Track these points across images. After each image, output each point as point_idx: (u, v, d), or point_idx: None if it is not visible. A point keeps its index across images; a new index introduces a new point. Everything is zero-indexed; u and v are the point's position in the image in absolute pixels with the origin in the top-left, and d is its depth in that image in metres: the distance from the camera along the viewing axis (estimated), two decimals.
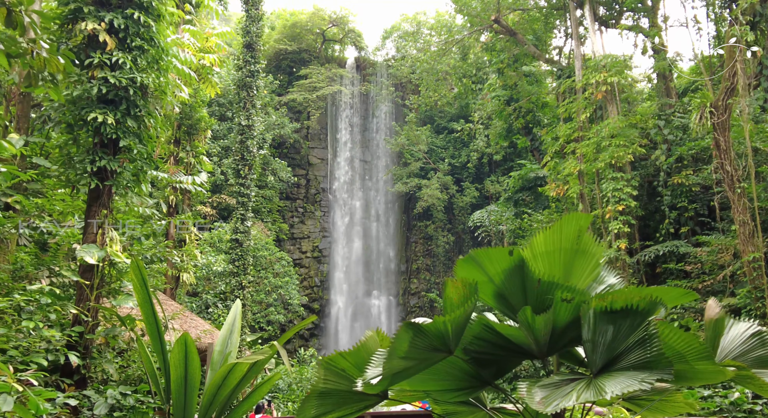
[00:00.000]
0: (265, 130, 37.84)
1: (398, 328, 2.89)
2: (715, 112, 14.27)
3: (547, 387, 2.90)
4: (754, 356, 3.78)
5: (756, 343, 3.80)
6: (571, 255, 3.64)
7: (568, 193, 22.26)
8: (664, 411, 4.13)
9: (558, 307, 3.28)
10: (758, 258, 13.78)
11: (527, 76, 30.60)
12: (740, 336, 3.82)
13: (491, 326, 3.28)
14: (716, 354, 3.73)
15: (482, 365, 3.50)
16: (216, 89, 18.96)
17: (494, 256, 3.50)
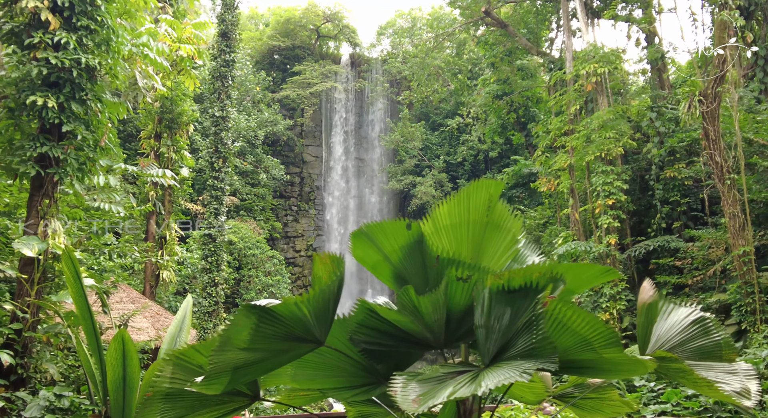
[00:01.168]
0: (257, 127, 37.41)
1: (236, 311, 2.38)
2: (704, 101, 13.73)
3: (428, 382, 2.40)
4: (694, 346, 3.27)
5: (698, 331, 3.29)
6: (480, 229, 3.13)
7: (558, 188, 21.74)
8: (602, 411, 3.63)
9: (453, 287, 2.79)
10: (748, 252, 13.23)
11: (521, 71, 30.07)
12: (680, 323, 3.31)
13: (375, 311, 2.78)
14: (649, 343, 3.22)
15: (377, 358, 3.00)
16: (196, 82, 18.48)
17: (390, 230, 3.00)
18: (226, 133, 17.81)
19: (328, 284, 2.45)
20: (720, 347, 3.28)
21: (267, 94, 40.36)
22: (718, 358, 3.27)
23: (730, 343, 3.31)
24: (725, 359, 3.29)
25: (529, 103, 31.67)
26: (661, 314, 3.35)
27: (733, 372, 3.20)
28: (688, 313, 3.34)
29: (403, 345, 2.92)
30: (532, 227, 27.13)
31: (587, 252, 18.51)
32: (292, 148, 42.59)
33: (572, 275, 2.89)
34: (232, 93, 18.12)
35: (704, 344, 3.26)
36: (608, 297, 17.77)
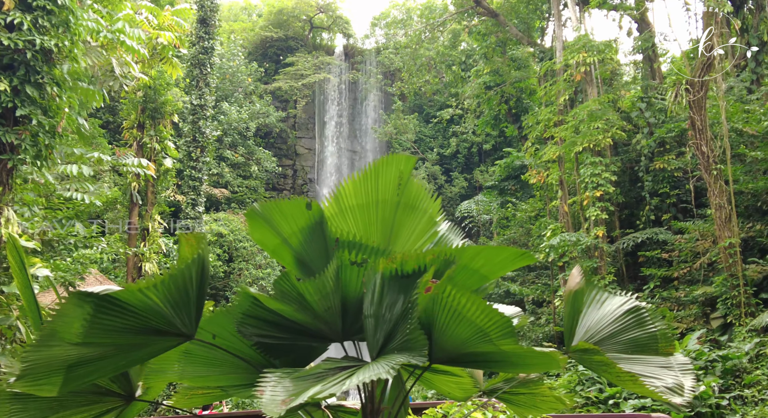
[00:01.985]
0: (248, 118, 37.09)
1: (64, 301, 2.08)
2: (691, 89, 13.42)
3: (303, 380, 2.12)
4: (627, 337, 2.99)
5: (632, 322, 3.02)
6: (391, 210, 2.85)
7: (547, 180, 21.46)
8: (537, 406, 3.35)
9: (347, 273, 2.51)
10: (734, 244, 12.95)
11: (513, 62, 29.71)
12: (612, 313, 3.04)
13: (259, 301, 2.50)
14: (575, 335, 2.95)
15: (273, 353, 2.73)
16: (178, 70, 18.16)
17: (288, 211, 2.71)
18: (204, 121, 17.51)
19: (181, 267, 2.17)
20: (656, 339, 3.01)
21: (259, 85, 40.01)
22: (654, 351, 3.00)
23: (667, 335, 3.04)
24: (662, 352, 3.02)
25: (522, 95, 31.35)
26: (594, 304, 3.08)
27: (668, 366, 2.93)
28: (622, 302, 3.07)
29: (299, 338, 2.64)
30: (523, 219, 26.88)
31: (575, 244, 18.24)
32: (285, 141, 42.27)
33: (484, 259, 2.61)
34: (211, 81, 17.79)
35: (638, 335, 2.99)
36: None
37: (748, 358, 11.29)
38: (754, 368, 11.03)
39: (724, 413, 10.28)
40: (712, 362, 11.61)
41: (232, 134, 36.39)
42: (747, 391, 10.26)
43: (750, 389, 10.66)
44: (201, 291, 2.33)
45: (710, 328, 13.99)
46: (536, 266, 24.72)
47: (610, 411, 11.43)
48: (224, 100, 37.53)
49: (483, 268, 2.63)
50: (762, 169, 14.56)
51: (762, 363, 10.99)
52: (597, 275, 17.81)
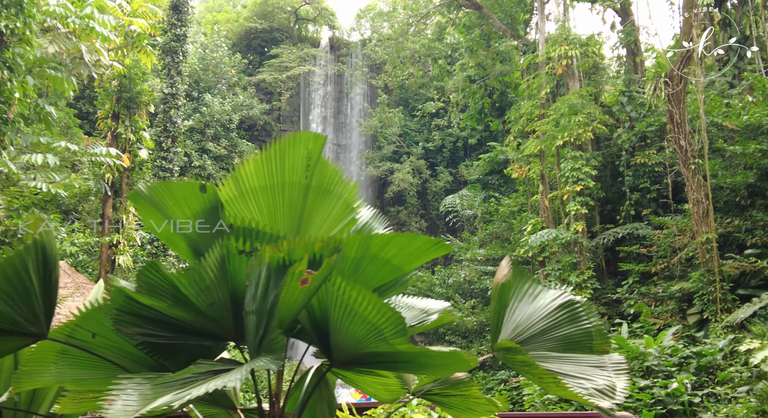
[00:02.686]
0: (232, 110, 36.62)
1: None
2: (669, 82, 13.24)
3: (167, 385, 1.84)
4: (559, 334, 2.76)
5: (564, 317, 2.78)
6: (300, 194, 2.58)
7: (529, 174, 21.28)
8: (472, 409, 3.10)
9: (235, 263, 2.25)
10: (711, 239, 12.81)
11: (498, 55, 29.48)
12: (544, 308, 2.80)
13: (130, 296, 2.22)
14: (501, 331, 2.71)
15: (162, 353, 2.46)
16: (152, 58, 17.76)
17: (180, 194, 2.44)
18: (176, 111, 17.12)
19: (12, 255, 1.89)
20: (590, 336, 2.77)
21: (243, 77, 39.54)
22: (588, 349, 2.77)
23: (603, 332, 2.81)
24: (596, 351, 2.78)
25: (507, 89, 31.16)
26: (526, 297, 2.83)
27: (601, 366, 2.70)
28: (556, 296, 2.83)
29: (186, 337, 2.37)
30: (506, 214, 26.71)
31: (555, 240, 18.09)
32: (269, 133, 41.82)
33: (395, 248, 2.36)
34: (183, 69, 17.41)
35: (571, 332, 2.75)
36: (574, 285, 17.39)
37: (723, 354, 11.16)
38: (728, 365, 10.90)
39: (696, 410, 10.14)
40: (686, 359, 11.48)
41: (214, 126, 35.92)
42: (720, 388, 10.12)
43: (723, 386, 10.53)
44: (47, 283, 2.05)
45: (687, 324, 13.87)
46: (518, 260, 24.58)
47: (582, 407, 11.27)
48: (207, 92, 37.04)
49: (395, 258, 2.38)
50: (741, 164, 14.43)
51: (736, 360, 10.86)
52: (576, 270, 17.67)
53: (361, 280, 2.40)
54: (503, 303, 2.69)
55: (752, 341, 8.74)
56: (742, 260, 13.01)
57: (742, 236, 13.85)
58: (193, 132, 35.88)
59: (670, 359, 11.41)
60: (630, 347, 11.45)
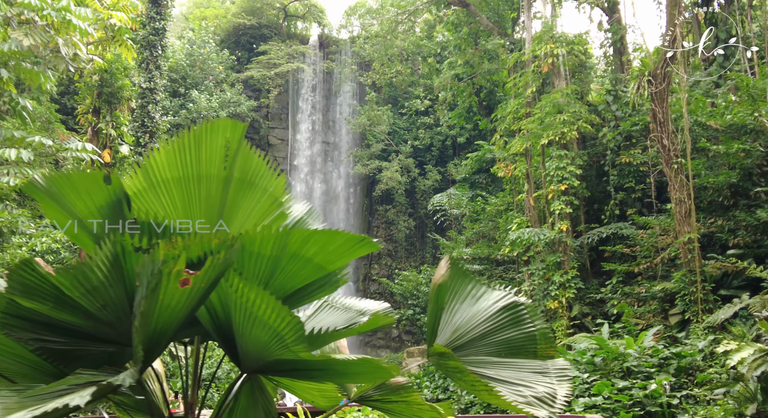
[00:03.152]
0: (219, 107, 36.30)
1: None
2: (653, 81, 13.12)
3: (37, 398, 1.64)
4: (501, 338, 2.58)
5: (507, 320, 2.61)
6: (219, 186, 2.39)
7: (514, 173, 21.15)
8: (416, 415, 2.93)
9: (131, 261, 2.05)
10: (693, 239, 12.70)
11: (486, 53, 29.35)
12: (486, 310, 2.62)
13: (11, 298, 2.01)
14: (438, 334, 2.53)
15: (62, 360, 2.25)
16: (132, 52, 17.45)
17: (82, 186, 2.24)
18: (154, 106, 16.83)
19: None
20: (534, 340, 2.60)
21: (231, 73, 39.21)
22: (532, 354, 2.60)
23: (548, 335, 2.64)
24: (541, 355, 2.61)
25: (495, 88, 31.05)
26: (468, 299, 2.66)
27: (543, 372, 2.53)
28: (499, 297, 2.65)
29: (84, 343, 2.16)
30: (493, 213, 26.58)
31: (539, 239, 17.96)
32: (258, 131, 41.50)
33: (316, 246, 2.17)
34: (162, 63, 17.11)
35: (514, 336, 2.58)
36: (558, 285, 17.27)
37: (702, 356, 11.05)
38: (708, 366, 10.79)
39: (675, 412, 10.02)
40: (666, 360, 11.37)
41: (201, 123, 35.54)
42: (697, 390, 10.01)
43: (702, 387, 10.42)
44: None
45: (668, 324, 13.78)
46: (504, 260, 24.46)
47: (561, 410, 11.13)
48: (194, 88, 36.70)
49: (317, 256, 2.19)
50: (725, 164, 14.35)
51: (716, 361, 10.75)
52: (560, 270, 17.55)
53: (281, 280, 2.21)
54: (440, 305, 2.51)
55: (729, 342, 8.62)
56: (724, 261, 12.92)
57: (725, 236, 13.77)
58: (179, 128, 35.54)
59: (650, 360, 11.29)
60: (610, 347, 11.33)
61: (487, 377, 2.38)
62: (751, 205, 13.80)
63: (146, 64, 16.76)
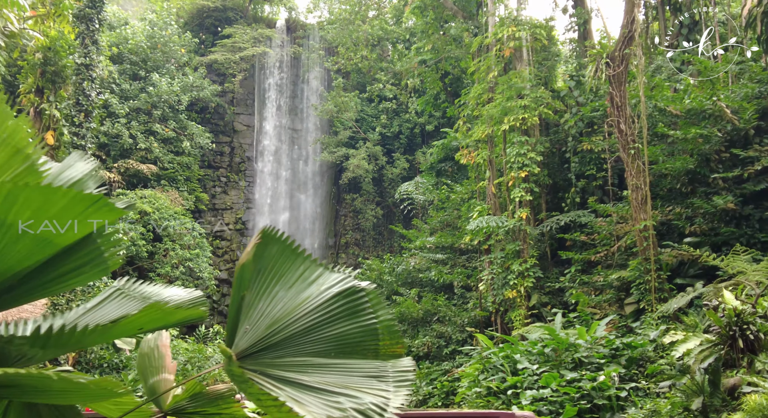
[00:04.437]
0: (180, 91, 35.18)
1: None
2: (611, 63, 12.70)
3: None
4: (332, 333, 2.02)
5: (341, 309, 2.05)
6: None
7: (476, 160, 20.71)
8: None
9: None
10: (648, 227, 12.38)
11: (455, 40, 28.82)
12: (315, 298, 2.07)
13: None
14: (238, 331, 1.97)
15: None
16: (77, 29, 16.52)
17: None
18: (90, 83, 15.91)
19: None
20: (375, 335, 2.05)
21: (194, 57, 38.08)
22: (372, 352, 2.05)
23: (393, 329, 2.09)
24: (383, 354, 2.07)
25: (463, 75, 30.55)
26: (297, 283, 2.09)
27: (379, 376, 1.98)
28: (334, 282, 2.10)
29: None
30: (457, 201, 26.17)
31: (499, 227, 17.56)
32: (222, 117, 40.46)
33: (29, 210, 1.58)
34: (99, 38, 16.19)
35: (348, 330, 2.03)
36: (516, 274, 16.91)
37: (654, 346, 10.74)
38: (659, 357, 10.48)
39: (624, 405, 9.68)
40: (617, 350, 11.05)
41: (162, 107, 34.49)
42: (644, 382, 9.67)
43: (653, 379, 10.10)
44: None
45: (624, 314, 13.49)
46: (468, 249, 24.09)
47: (509, 401, 10.74)
48: (155, 71, 35.51)
49: (36, 225, 1.61)
50: (684, 150, 14.05)
51: (667, 352, 10.44)
52: (519, 259, 17.18)
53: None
54: (242, 293, 1.94)
55: (676, 333, 8.27)
56: (680, 249, 12.63)
57: (683, 224, 13.49)
58: (139, 113, 34.42)
59: (601, 351, 10.95)
60: (560, 338, 10.95)
61: (300, 385, 1.84)
62: (709, 193, 13.54)
63: (82, 38, 15.80)
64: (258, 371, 1.82)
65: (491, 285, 18.06)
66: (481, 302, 20.03)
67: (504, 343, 13.30)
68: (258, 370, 1.82)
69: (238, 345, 1.88)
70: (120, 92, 34.12)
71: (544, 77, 19.46)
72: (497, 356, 11.98)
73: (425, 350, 21.01)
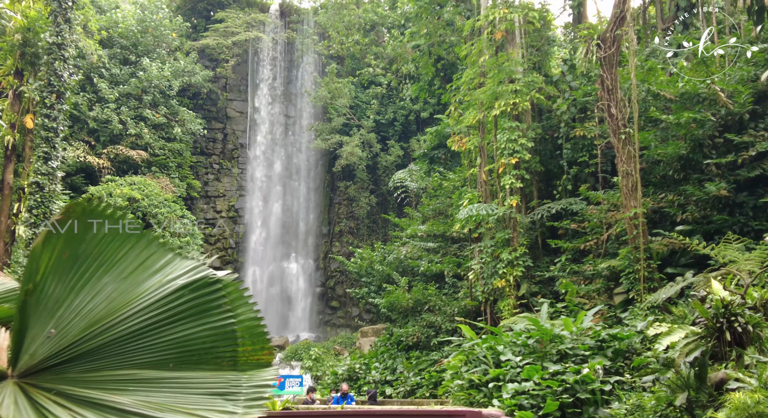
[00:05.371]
0: (171, 76, 34.60)
1: None
2: (602, 45, 12.21)
3: None
4: (172, 336, 1.58)
5: (186, 306, 1.59)
6: None
7: (467, 146, 20.25)
8: None
9: None
10: (638, 214, 11.95)
11: (450, 25, 28.24)
12: (155, 292, 1.65)
13: None
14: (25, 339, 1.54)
15: None
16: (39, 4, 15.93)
17: None
18: (62, 63, 15.39)
19: None
20: (231, 339, 1.63)
21: (185, 41, 37.46)
22: (228, 361, 1.62)
23: (257, 332, 1.67)
24: (244, 363, 1.65)
25: (457, 61, 29.98)
26: (138, 273, 1.66)
27: (228, 394, 1.56)
28: (184, 271, 1.68)
29: None
30: (450, 188, 25.75)
31: (488, 215, 17.14)
32: (215, 103, 39.90)
33: None
34: (72, 17, 15.63)
35: (194, 333, 1.60)
36: (506, 263, 16.51)
37: (641, 338, 10.35)
38: (646, 349, 10.09)
39: (608, 399, 9.31)
40: (604, 342, 10.67)
41: (152, 92, 33.95)
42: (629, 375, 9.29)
43: (639, 371, 9.72)
44: None
45: (613, 304, 13.10)
46: (459, 237, 23.67)
47: (491, 394, 10.38)
48: (145, 56, 34.91)
49: None
50: (677, 135, 13.58)
51: (654, 344, 10.05)
52: (509, 247, 16.77)
53: None
54: (29, 285, 1.51)
55: (660, 324, 7.87)
56: (671, 237, 12.20)
57: (674, 211, 13.06)
58: (129, 98, 33.89)
59: (587, 342, 10.57)
60: (544, 329, 10.57)
61: (110, 408, 1.42)
62: (702, 179, 13.10)
63: (54, 16, 15.26)
64: (55, 391, 1.40)
65: (481, 274, 17.69)
66: (471, 292, 19.66)
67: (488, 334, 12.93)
68: (56, 389, 1.41)
69: (35, 354, 1.46)
70: (110, 77, 33.53)
71: (537, 62, 18.95)
72: (481, 347, 11.61)
73: (414, 339, 20.68)
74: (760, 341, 7.35)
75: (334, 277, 39.06)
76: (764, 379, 6.32)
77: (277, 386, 12.66)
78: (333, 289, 39.21)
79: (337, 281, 39.10)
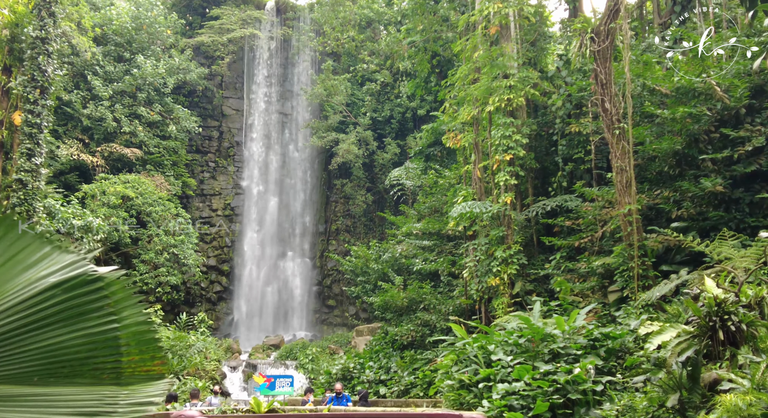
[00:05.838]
0: (166, 73, 34.35)
1: None
2: (596, 38, 11.96)
3: None
4: (40, 345, 1.34)
5: (60, 308, 1.34)
6: None
7: (462, 143, 20.02)
8: None
9: None
10: (633, 211, 11.71)
11: (446, 22, 27.99)
12: (22, 290, 1.41)
13: None
14: None
15: None
16: None
17: None
18: (46, 58, 15.16)
19: None
20: (113, 348, 1.39)
21: (180, 38, 37.19)
22: (111, 373, 1.39)
23: (146, 338, 1.44)
24: (130, 376, 1.43)
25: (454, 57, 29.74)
26: (8, 267, 1.43)
27: (100, 414, 1.33)
28: (61, 266, 1.45)
29: None
30: (445, 186, 25.52)
31: (482, 212, 16.90)
32: (211, 100, 39.65)
33: None
34: (56, 11, 15.40)
35: (65, 340, 1.37)
36: (500, 260, 16.28)
37: (634, 337, 10.13)
38: (639, 348, 9.86)
39: (599, 399, 9.08)
40: (597, 341, 10.44)
41: (147, 90, 33.71)
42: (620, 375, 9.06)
43: (632, 371, 9.50)
44: None
45: (607, 302, 12.87)
46: (455, 235, 23.44)
47: (481, 395, 10.16)
48: (140, 53, 34.66)
49: None
50: (672, 131, 13.34)
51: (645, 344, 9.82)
52: (503, 245, 16.54)
53: None
54: None
55: (652, 323, 7.65)
56: (666, 234, 11.97)
57: (670, 207, 12.83)
58: (123, 95, 33.65)
59: (580, 341, 10.35)
60: (536, 327, 10.34)
61: None
62: (698, 175, 12.86)
63: (38, 10, 15.04)
64: None
65: (475, 272, 17.46)
66: (466, 290, 19.45)
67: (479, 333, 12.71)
68: None
69: None
70: (104, 74, 33.28)
71: (533, 58, 18.70)
72: (472, 346, 11.39)
73: (409, 338, 20.47)
74: (754, 340, 7.13)
75: (330, 275, 38.81)
76: (757, 380, 6.09)
77: (267, 387, 12.44)
78: (329, 287, 38.98)
79: (334, 280, 38.85)
